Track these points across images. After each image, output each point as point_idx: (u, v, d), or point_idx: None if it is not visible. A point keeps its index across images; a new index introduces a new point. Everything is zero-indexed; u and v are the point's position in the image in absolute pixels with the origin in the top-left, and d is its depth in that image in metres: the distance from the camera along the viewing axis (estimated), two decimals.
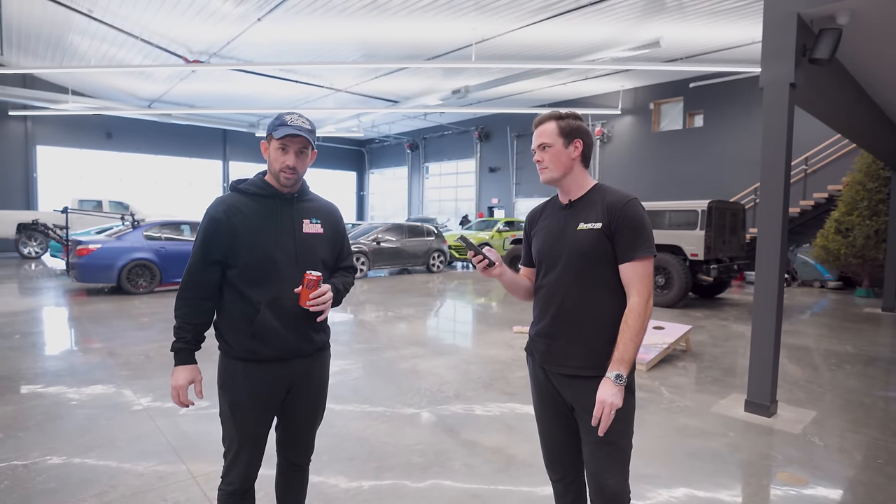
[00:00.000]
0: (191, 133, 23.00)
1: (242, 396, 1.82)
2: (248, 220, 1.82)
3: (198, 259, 1.81)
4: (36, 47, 14.62)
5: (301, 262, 1.85)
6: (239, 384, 1.82)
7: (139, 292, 9.35)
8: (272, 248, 1.82)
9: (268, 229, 1.83)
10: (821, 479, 3.01)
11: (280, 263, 1.82)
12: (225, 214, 1.80)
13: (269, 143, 1.85)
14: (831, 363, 5.63)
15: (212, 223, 1.81)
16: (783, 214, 3.99)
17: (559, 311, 1.77)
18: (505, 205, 21.94)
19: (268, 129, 1.86)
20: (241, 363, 1.82)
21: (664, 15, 10.84)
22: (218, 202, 1.85)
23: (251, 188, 1.88)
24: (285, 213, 1.87)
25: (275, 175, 1.85)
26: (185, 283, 1.82)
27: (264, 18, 11.64)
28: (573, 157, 1.77)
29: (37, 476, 2.89)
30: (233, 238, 1.79)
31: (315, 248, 1.91)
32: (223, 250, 1.81)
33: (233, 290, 1.83)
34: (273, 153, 1.83)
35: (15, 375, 4.69)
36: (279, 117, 1.83)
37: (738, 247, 9.70)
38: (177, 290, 1.87)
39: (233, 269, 1.81)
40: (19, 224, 15.65)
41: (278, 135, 1.78)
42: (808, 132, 11.63)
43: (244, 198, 1.86)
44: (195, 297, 1.82)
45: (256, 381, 1.82)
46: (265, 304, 1.79)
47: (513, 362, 5.40)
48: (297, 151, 1.82)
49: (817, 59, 4.02)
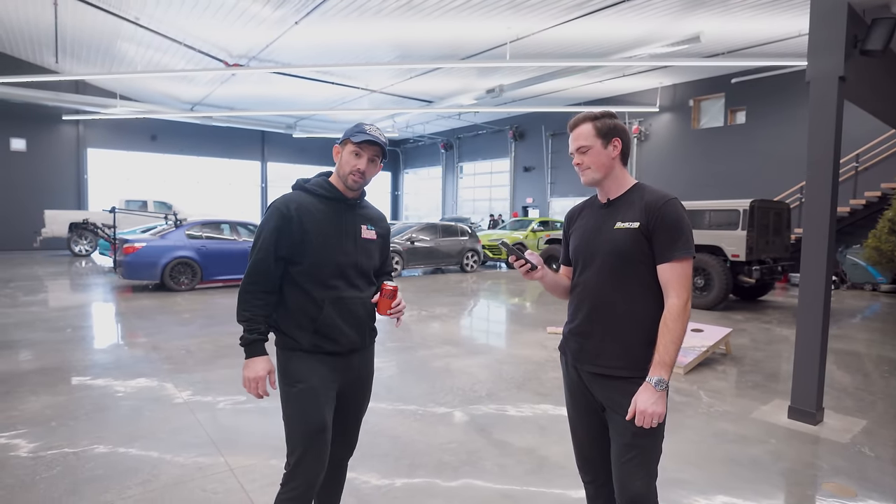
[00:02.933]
0: (230, 135, 23.67)
1: (314, 381, 1.85)
2: (316, 221, 1.87)
3: (267, 253, 1.83)
4: (87, 55, 15.34)
5: (360, 265, 1.93)
6: (308, 370, 1.86)
7: (181, 289, 9.66)
8: (337, 249, 1.88)
9: (334, 231, 1.89)
10: (871, 492, 2.87)
11: (343, 265, 1.89)
12: (296, 213, 1.85)
13: (342, 147, 1.92)
14: (884, 370, 5.36)
15: (283, 220, 1.84)
16: (830, 214, 3.82)
17: (593, 310, 1.76)
18: (539, 204, 21.75)
19: (345, 133, 1.93)
20: (307, 354, 1.86)
21: (705, 8, 10.54)
22: (287, 200, 1.88)
23: (318, 189, 1.92)
24: (349, 217, 1.95)
25: (343, 177, 1.91)
26: (252, 276, 1.84)
27: (301, 22, 11.88)
28: (613, 156, 1.75)
29: (86, 463, 3.03)
30: (302, 235, 1.84)
31: (371, 253, 2.00)
32: (291, 247, 1.85)
33: (295, 287, 1.87)
34: (346, 156, 1.89)
35: (67, 367, 4.93)
36: (358, 125, 1.91)
37: (782, 248, 9.35)
38: (238, 285, 1.91)
39: (298, 266, 1.86)
40: (71, 223, 16.41)
41: (357, 139, 1.85)
42: (859, 127, 11.11)
43: (312, 198, 1.91)
44: (263, 291, 1.84)
45: (323, 369, 1.87)
46: (329, 303, 1.86)
47: (546, 363, 5.35)
48: (370, 158, 1.90)
49: (869, 50, 3.84)
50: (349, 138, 1.89)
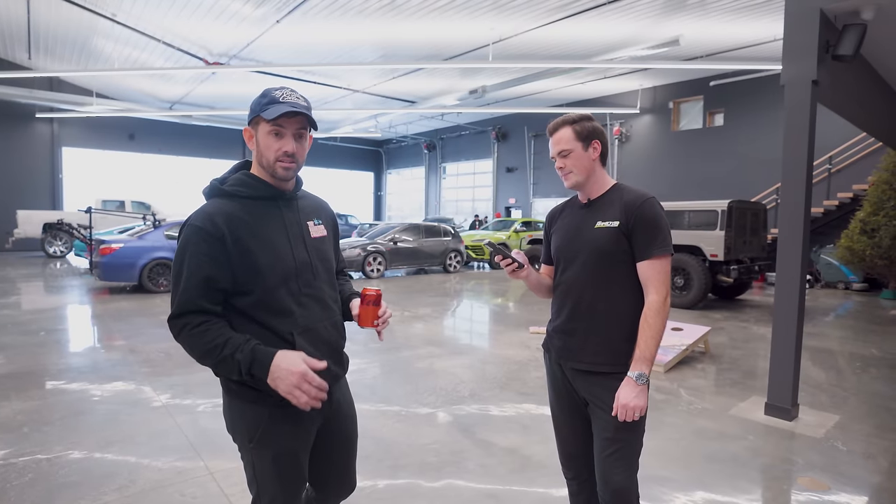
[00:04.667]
0: (211, 134, 23.36)
1: (290, 444, 1.48)
2: (254, 232, 1.42)
3: (198, 293, 1.35)
4: (62, 51, 15.00)
5: (319, 274, 1.54)
6: (282, 432, 1.46)
7: (160, 291, 9.50)
8: (291, 262, 1.47)
9: (280, 239, 1.46)
10: (844, 485, 2.94)
11: (303, 280, 1.49)
12: (227, 228, 1.38)
13: (255, 128, 1.46)
14: (856, 366, 5.50)
15: (209, 242, 1.37)
16: (805, 214, 3.91)
17: (576, 308, 1.79)
18: (522, 205, 21.86)
19: (253, 109, 1.44)
20: (279, 408, 1.42)
21: (684, 13, 10.71)
22: (207, 214, 1.40)
23: (243, 189, 1.47)
24: (290, 216, 1.52)
25: (269, 167, 1.46)
26: (186, 317, 1.36)
27: (283, 20, 11.77)
28: (593, 158, 1.79)
29: (59, 470, 2.96)
30: (241, 257, 1.39)
31: (327, 256, 1.60)
32: (232, 277, 1.39)
33: (249, 323, 1.42)
34: (264, 139, 1.44)
35: (40, 371, 4.81)
36: (267, 94, 1.45)
37: (759, 247, 9.53)
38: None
39: (247, 298, 1.41)
40: (45, 224, 16.05)
41: (270, 115, 1.39)
42: (832, 131, 11.37)
43: (237, 203, 1.45)
44: (205, 321, 1.36)
45: (300, 421, 1.48)
46: (299, 334, 1.45)
47: (529, 363, 5.38)
48: (295, 134, 1.45)
49: (841, 55, 3.94)
50: (259, 115, 1.42)
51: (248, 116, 1.49)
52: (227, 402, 1.50)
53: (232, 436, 1.52)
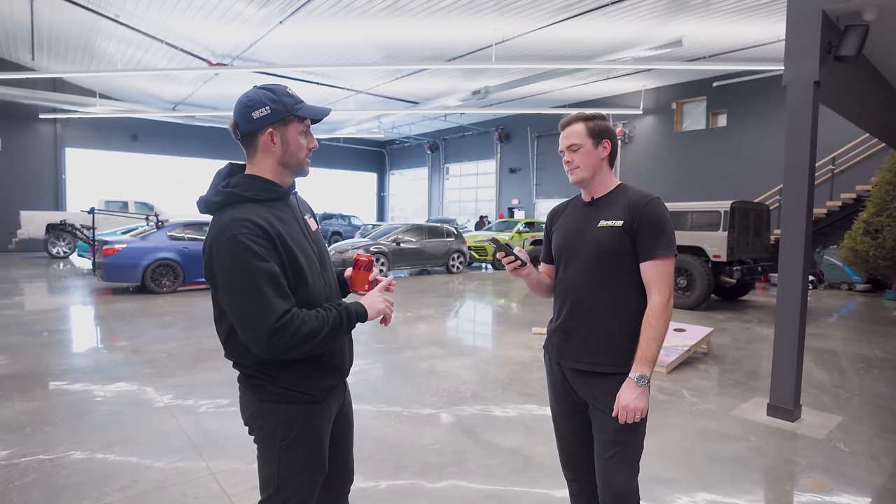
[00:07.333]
0: (214, 135, 23.39)
1: (322, 439, 1.54)
2: (288, 231, 1.44)
3: (281, 298, 1.35)
4: (65, 52, 15.06)
5: (327, 267, 1.61)
6: (316, 428, 1.52)
7: (163, 291, 9.53)
8: (314, 258, 1.52)
9: (301, 238, 1.50)
10: (846, 486, 2.93)
11: (326, 274, 1.57)
12: (272, 229, 1.39)
13: (282, 127, 1.43)
14: (859, 367, 5.48)
15: (264, 247, 1.35)
16: (807, 215, 3.90)
17: (576, 307, 1.78)
18: (525, 206, 21.85)
19: (279, 107, 1.42)
20: (316, 405, 1.51)
21: (687, 13, 10.69)
22: (255, 218, 1.37)
23: (260, 193, 1.44)
24: (297, 213, 1.56)
25: (297, 165, 1.48)
26: (284, 317, 1.33)
27: (286, 21, 11.80)
28: (602, 156, 1.79)
29: (62, 470, 2.97)
30: (288, 257, 1.41)
31: (325, 248, 1.65)
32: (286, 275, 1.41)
33: None
34: (296, 139, 1.45)
35: (43, 372, 4.83)
36: (281, 91, 1.44)
37: (762, 248, 9.50)
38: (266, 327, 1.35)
39: (294, 297, 1.42)
40: (48, 224, 16.10)
41: (305, 113, 1.44)
42: (835, 131, 11.34)
43: (261, 206, 1.43)
44: (299, 311, 1.39)
45: (329, 415, 1.58)
46: None
47: (531, 363, 5.38)
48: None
49: (843, 56, 3.93)
50: (294, 114, 1.43)
51: (267, 117, 1.42)
52: (255, 405, 1.49)
53: (257, 435, 1.52)
